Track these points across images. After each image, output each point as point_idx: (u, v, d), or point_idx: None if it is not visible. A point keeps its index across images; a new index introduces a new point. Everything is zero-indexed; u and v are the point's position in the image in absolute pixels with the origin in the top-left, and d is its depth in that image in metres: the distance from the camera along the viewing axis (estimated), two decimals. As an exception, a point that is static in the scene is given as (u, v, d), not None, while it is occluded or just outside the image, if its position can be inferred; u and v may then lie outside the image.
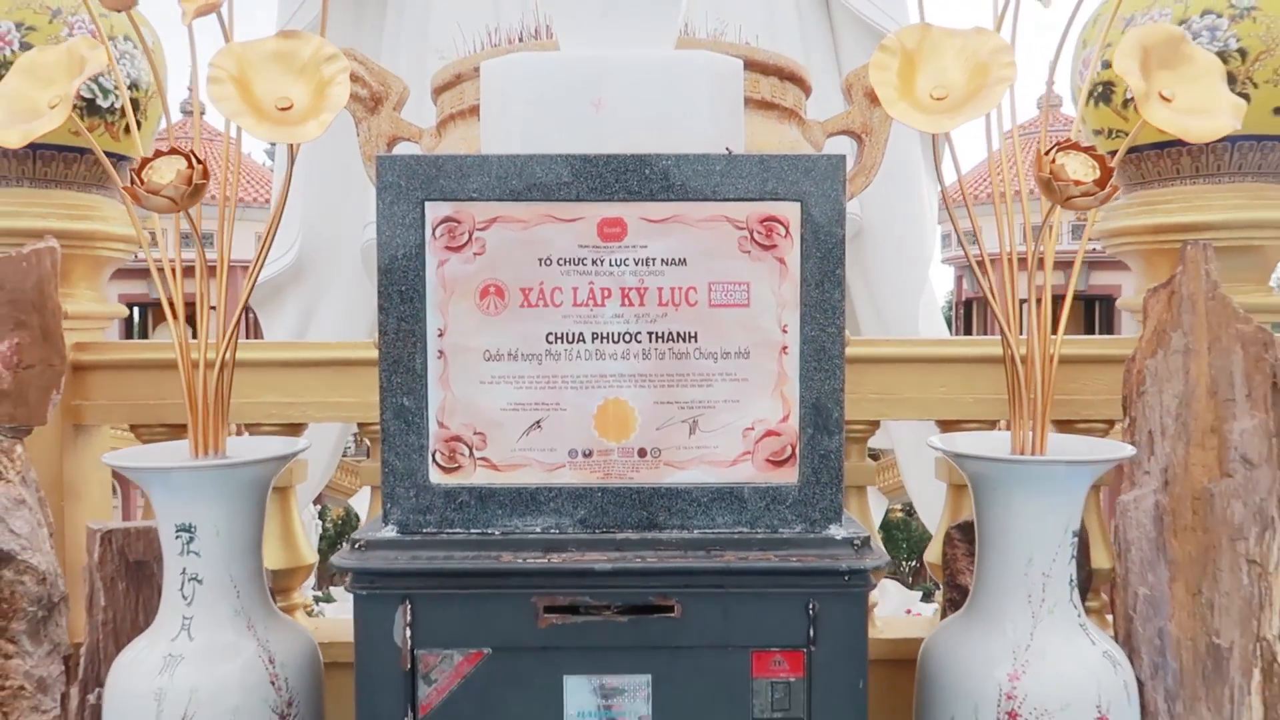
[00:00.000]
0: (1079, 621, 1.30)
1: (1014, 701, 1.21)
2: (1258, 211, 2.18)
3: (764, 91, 1.65)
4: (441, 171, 1.05)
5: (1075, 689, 1.22)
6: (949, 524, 1.98)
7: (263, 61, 1.19)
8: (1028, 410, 1.38)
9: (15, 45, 2.12)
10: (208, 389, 1.32)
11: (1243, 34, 2.09)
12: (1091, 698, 1.22)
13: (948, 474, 2.20)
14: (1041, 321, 1.42)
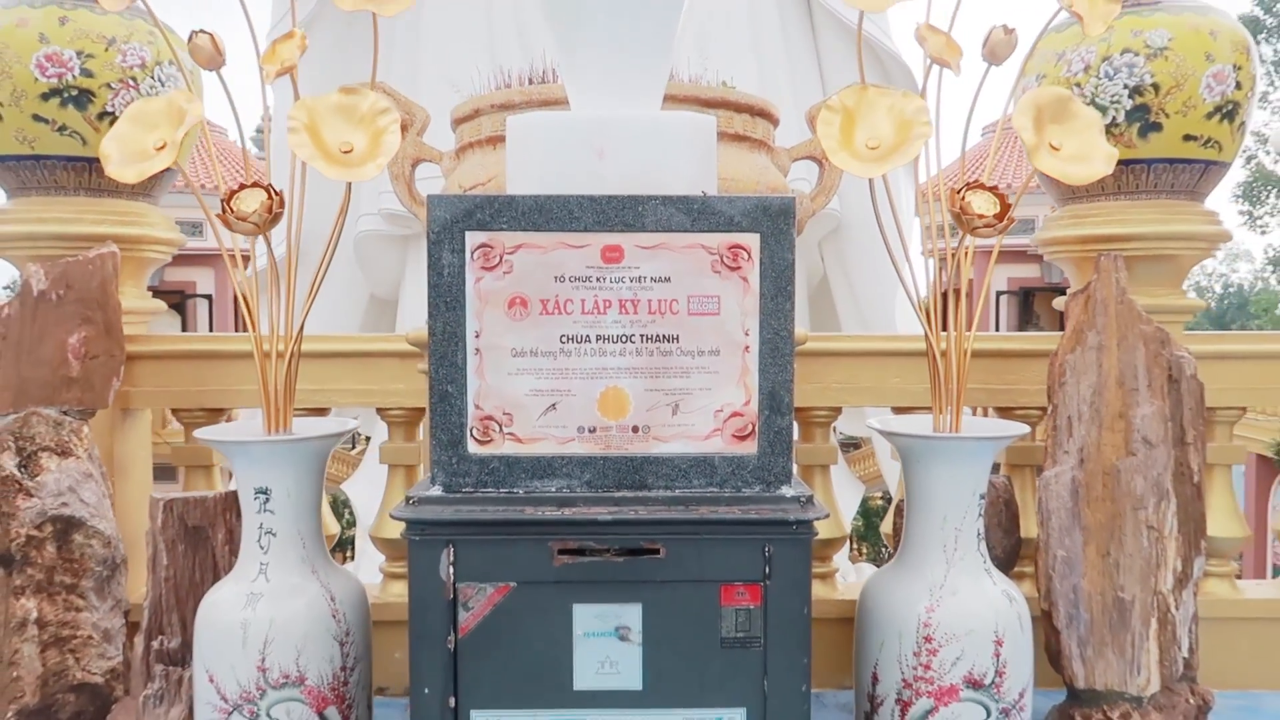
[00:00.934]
0: (984, 566, 1.61)
1: (929, 629, 1.52)
2: (1170, 225, 2.49)
3: (737, 127, 1.95)
4: (479, 208, 1.34)
5: (978, 618, 1.53)
6: (899, 499, 2.30)
7: (329, 113, 1.47)
8: (944, 397, 1.68)
9: (76, 71, 2.39)
10: (278, 376, 1.61)
11: (1157, 71, 2.40)
12: (990, 626, 1.53)
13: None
14: (958, 320, 1.72)
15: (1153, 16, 2.44)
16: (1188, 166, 2.47)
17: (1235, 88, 2.43)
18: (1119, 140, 2.44)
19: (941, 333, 1.73)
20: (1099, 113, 1.62)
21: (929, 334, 1.69)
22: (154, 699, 2.06)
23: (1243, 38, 2.47)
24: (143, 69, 2.46)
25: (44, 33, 2.38)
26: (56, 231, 2.45)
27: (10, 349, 2.19)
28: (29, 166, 2.45)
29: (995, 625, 1.55)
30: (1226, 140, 2.46)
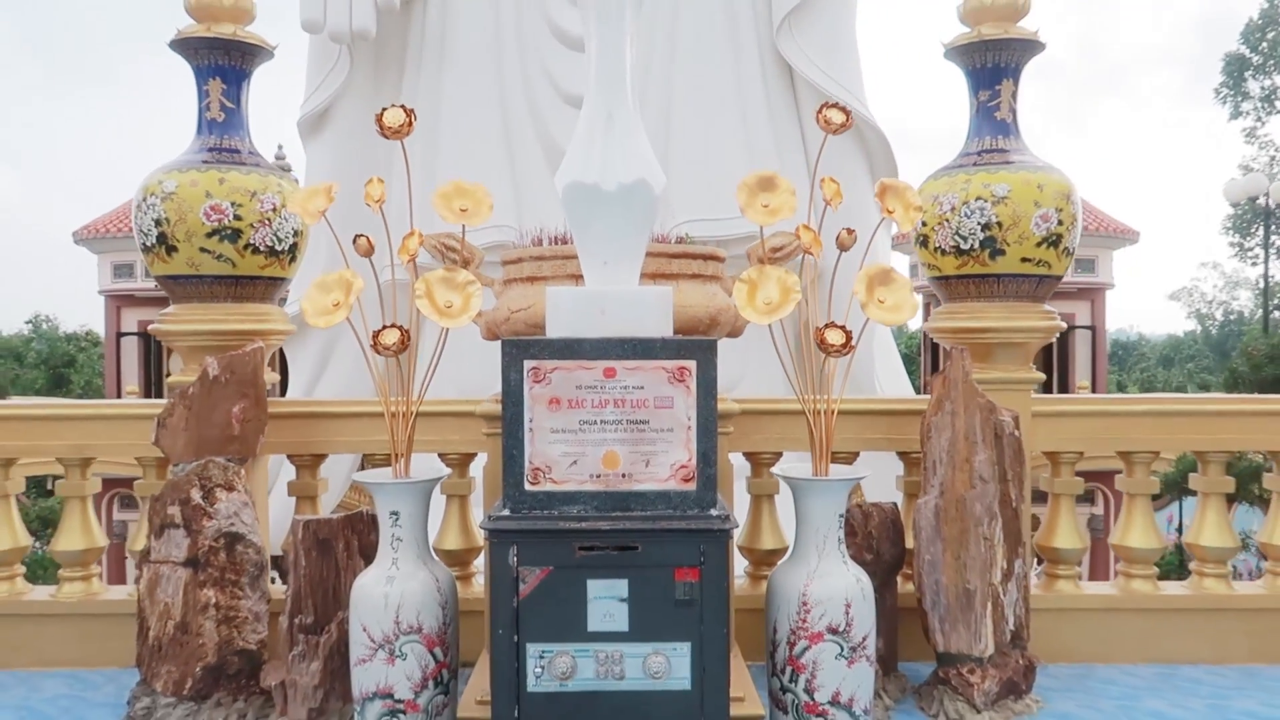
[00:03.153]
0: (843, 560, 2.57)
1: (806, 597, 2.46)
2: (1015, 321, 3.45)
3: (695, 269, 2.91)
4: (533, 346, 2.29)
5: (836, 591, 2.48)
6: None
7: (438, 282, 2.43)
8: (820, 447, 2.63)
9: (230, 216, 3.37)
10: (403, 432, 2.56)
11: (1000, 213, 3.37)
12: (843, 595, 2.48)
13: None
14: (828, 388, 2.66)
15: (998, 173, 3.40)
16: (1026, 280, 3.43)
17: (1058, 224, 3.39)
18: (976, 261, 3.40)
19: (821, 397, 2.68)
20: (908, 278, 2.55)
21: (804, 404, 2.64)
22: (299, 657, 2.99)
23: (1065, 187, 3.43)
24: (274, 211, 3.43)
25: (209, 190, 3.35)
26: (211, 329, 3.42)
27: (194, 416, 3.15)
28: (193, 283, 3.42)
29: (846, 595, 2.49)
30: (1054, 260, 3.42)
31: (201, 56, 3.49)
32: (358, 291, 2.44)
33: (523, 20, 9.98)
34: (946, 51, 3.61)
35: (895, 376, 8.75)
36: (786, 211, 2.45)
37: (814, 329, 2.48)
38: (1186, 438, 3.65)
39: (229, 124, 3.53)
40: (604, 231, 2.41)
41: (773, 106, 10.12)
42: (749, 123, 9.95)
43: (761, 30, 10.00)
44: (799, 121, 10.22)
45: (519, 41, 9.85)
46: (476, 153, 9.85)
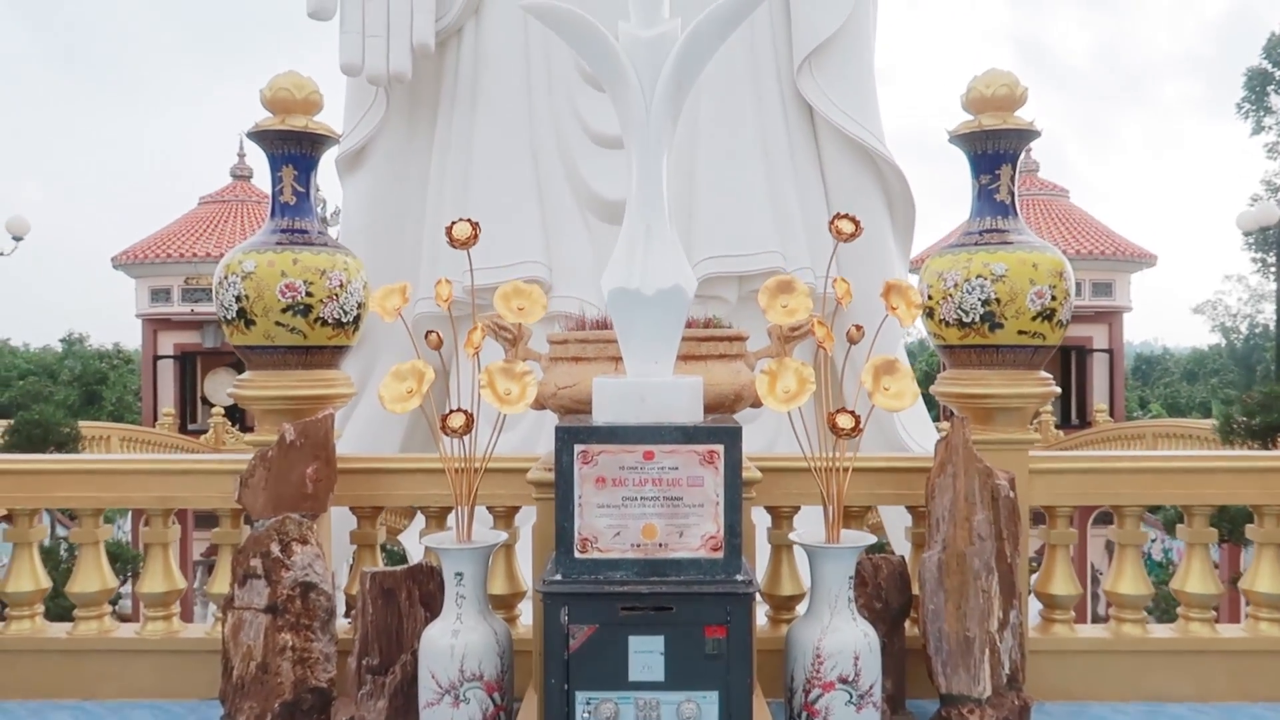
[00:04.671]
0: (852, 616, 2.90)
1: (819, 651, 2.80)
2: (1013, 388, 3.77)
3: (721, 349, 3.26)
4: (581, 432, 2.65)
5: (845, 645, 2.82)
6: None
7: (499, 372, 2.79)
8: (832, 517, 2.97)
9: (303, 293, 3.74)
10: (467, 494, 2.92)
11: (998, 289, 3.70)
12: (852, 649, 2.82)
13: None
14: (841, 450, 2.99)
15: (997, 253, 3.73)
16: (1023, 350, 3.75)
17: (1051, 299, 3.71)
18: (977, 332, 3.73)
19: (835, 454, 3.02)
20: (910, 368, 2.89)
21: (814, 468, 2.98)
22: (366, 695, 3.35)
23: (1059, 265, 3.76)
24: (341, 287, 3.81)
25: (284, 269, 3.73)
26: (284, 395, 3.79)
27: (272, 476, 3.53)
28: (268, 353, 3.80)
29: (855, 649, 2.83)
30: (1048, 332, 3.74)
31: (276, 146, 3.87)
32: (429, 382, 2.81)
33: (552, 61, 10.39)
34: (951, 137, 3.94)
35: (921, 422, 9.02)
36: (804, 313, 2.79)
37: (829, 415, 2.82)
38: (1174, 493, 3.96)
39: (299, 207, 3.91)
40: (644, 329, 2.76)
41: (793, 144, 10.49)
42: (770, 160, 10.32)
43: (782, 70, 10.38)
44: (818, 159, 10.58)
45: (548, 82, 10.27)
46: (507, 190, 10.27)
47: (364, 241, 10.07)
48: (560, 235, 10.06)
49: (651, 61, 2.71)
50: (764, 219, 9.89)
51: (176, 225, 19.94)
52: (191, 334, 19.33)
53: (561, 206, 10.15)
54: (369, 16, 9.69)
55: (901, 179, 10.18)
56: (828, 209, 10.34)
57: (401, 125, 10.53)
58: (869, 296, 5.64)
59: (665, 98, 2.71)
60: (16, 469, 4.00)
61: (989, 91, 3.82)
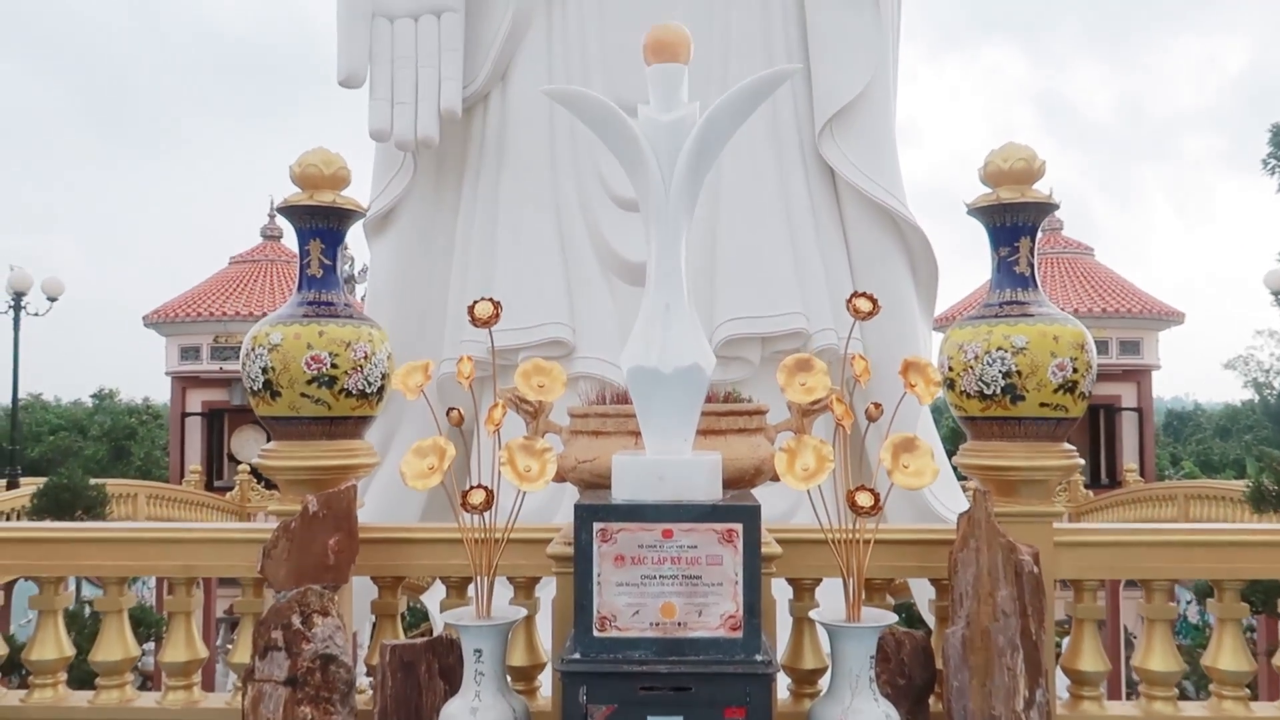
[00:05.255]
0: (874, 697, 2.86)
1: (842, 732, 2.76)
2: (1036, 460, 3.75)
3: (741, 424, 3.27)
4: (600, 509, 2.66)
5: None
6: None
7: (519, 448, 2.81)
8: (853, 595, 2.94)
9: (328, 365, 3.79)
10: (486, 566, 2.92)
11: (1019, 362, 3.69)
12: (875, 730, 2.77)
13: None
14: (861, 523, 2.97)
15: (1017, 325, 3.74)
16: (1045, 422, 3.74)
17: (1073, 372, 3.70)
18: (998, 405, 3.72)
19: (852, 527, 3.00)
20: (930, 445, 2.89)
21: (834, 543, 2.96)
22: (385, 770, 3.33)
23: (1080, 337, 3.75)
24: (366, 359, 3.86)
25: (310, 342, 3.79)
26: (308, 465, 3.83)
27: (295, 547, 3.55)
28: (293, 424, 3.85)
29: (878, 731, 2.79)
30: (1070, 404, 3.73)
31: (304, 221, 3.96)
32: (450, 459, 2.83)
33: (575, 125, 10.56)
34: (969, 209, 3.97)
35: (948, 484, 8.93)
36: (822, 391, 2.81)
37: (848, 494, 2.82)
38: (1204, 566, 3.90)
39: (325, 280, 3.98)
40: (663, 407, 2.79)
41: (815, 205, 10.56)
42: (793, 222, 10.39)
43: (804, 133, 10.49)
44: (840, 220, 10.63)
45: (572, 145, 10.43)
46: (531, 251, 10.39)
47: (390, 301, 10.21)
48: (584, 296, 10.15)
49: (670, 144, 2.77)
50: (787, 280, 9.93)
51: (207, 284, 20.28)
52: (219, 391, 19.54)
53: (585, 268, 10.24)
54: (398, 84, 9.91)
55: (924, 240, 10.20)
56: (850, 270, 10.38)
57: (428, 188, 10.71)
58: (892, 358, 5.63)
59: (684, 179, 2.76)
60: (43, 537, 4.05)
61: (1006, 165, 3.86)
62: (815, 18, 10.45)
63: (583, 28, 10.55)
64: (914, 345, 10.01)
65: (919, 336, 10.51)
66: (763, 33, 10.43)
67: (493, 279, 10.07)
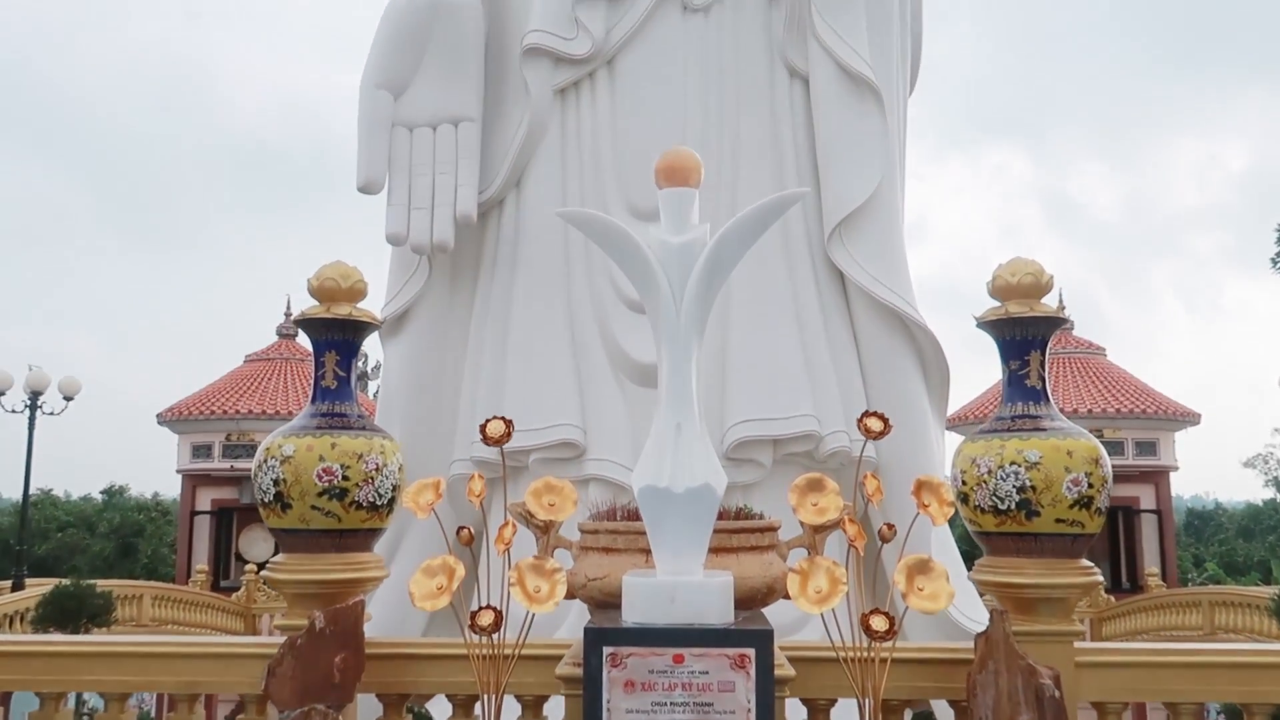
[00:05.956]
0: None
1: None
2: (1053, 578, 3.69)
3: (753, 541, 3.24)
4: (610, 633, 2.61)
5: None
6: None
7: (528, 568, 2.79)
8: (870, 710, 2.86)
9: (339, 477, 3.79)
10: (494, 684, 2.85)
11: (1033, 477, 3.66)
12: None
13: None
14: (876, 651, 2.90)
15: (1030, 439, 3.72)
16: (1062, 539, 3.68)
17: (1088, 487, 3.67)
18: (1013, 520, 3.68)
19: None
20: (945, 568, 2.85)
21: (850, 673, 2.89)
22: None
23: (1094, 451, 3.73)
24: (377, 470, 3.86)
25: (322, 454, 3.80)
26: (317, 579, 3.80)
27: (300, 665, 3.49)
28: (303, 536, 3.83)
29: None
30: (1086, 520, 3.68)
31: (320, 333, 4.01)
32: (459, 579, 2.81)
33: (589, 230, 10.70)
34: (979, 323, 4.00)
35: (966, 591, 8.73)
36: (834, 511, 2.79)
37: (863, 617, 2.77)
38: (1231, 689, 3.79)
39: (339, 392, 4.01)
40: (674, 527, 2.76)
41: (825, 307, 10.61)
42: (803, 323, 10.42)
43: (813, 235, 10.60)
44: (850, 322, 10.68)
45: (585, 249, 10.56)
46: (543, 353, 10.43)
47: (402, 402, 10.24)
48: (595, 397, 10.14)
49: (682, 265, 2.81)
50: (798, 382, 9.91)
51: (222, 382, 20.41)
52: (229, 489, 19.48)
53: (596, 369, 10.27)
54: (415, 191, 10.11)
55: (934, 343, 10.21)
56: (861, 372, 10.39)
57: (443, 291, 10.83)
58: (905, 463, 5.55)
59: (695, 300, 2.80)
60: (45, 651, 3.99)
61: (1015, 279, 3.89)
62: (823, 124, 10.66)
63: (596, 135, 10.80)
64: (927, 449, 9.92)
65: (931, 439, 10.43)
66: (772, 137, 10.63)
67: (504, 380, 10.11)
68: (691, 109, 9.60)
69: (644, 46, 8.53)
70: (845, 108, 10.26)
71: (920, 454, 8.51)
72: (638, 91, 8.64)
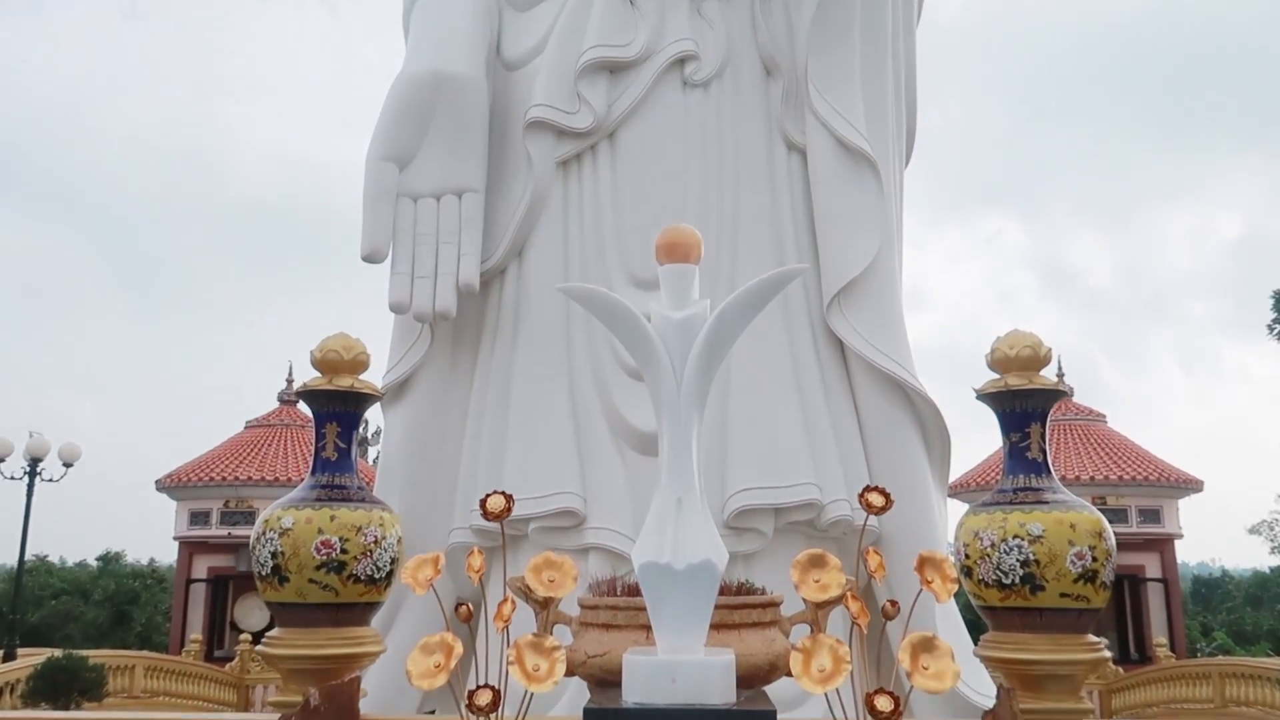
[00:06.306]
0: None
1: None
2: (1059, 654, 3.65)
3: (755, 617, 3.21)
4: (612, 715, 2.57)
5: None
6: None
7: (527, 646, 2.75)
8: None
9: (338, 550, 3.77)
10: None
11: (1037, 551, 3.64)
12: None
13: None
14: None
15: (1032, 513, 3.70)
16: (1068, 614, 3.65)
17: (1093, 560, 3.64)
18: (1018, 595, 3.64)
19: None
20: (950, 645, 2.81)
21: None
22: None
23: (1097, 525, 3.71)
24: (376, 543, 3.84)
25: (321, 526, 3.78)
26: (313, 654, 3.75)
27: (294, 744, 3.43)
28: (299, 610, 3.79)
29: None
30: (1091, 595, 3.65)
31: (322, 405, 4.02)
32: (457, 656, 2.77)
33: (590, 299, 10.76)
34: (978, 395, 4.01)
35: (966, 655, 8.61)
36: (836, 588, 2.76)
37: (867, 697, 2.72)
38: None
39: (340, 464, 4.01)
40: (675, 605, 2.74)
41: (825, 375, 10.61)
42: (804, 392, 10.41)
43: (812, 303, 10.66)
44: (850, 390, 10.69)
45: (586, 318, 10.61)
46: (544, 421, 10.41)
47: (402, 469, 10.19)
48: (595, 466, 10.10)
49: (682, 341, 2.83)
50: (799, 450, 9.87)
51: (221, 449, 20.34)
52: (226, 557, 19.29)
53: (597, 437, 10.23)
54: (419, 260, 10.20)
55: (935, 411, 10.20)
56: (862, 439, 10.36)
57: (444, 358, 10.86)
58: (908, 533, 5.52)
59: (695, 375, 2.81)
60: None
61: (1013, 352, 3.91)
62: (821, 195, 10.78)
63: (598, 206, 10.92)
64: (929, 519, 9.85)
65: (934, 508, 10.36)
66: (771, 209, 10.74)
67: (504, 447, 10.08)
68: (692, 182, 9.73)
69: (645, 120, 8.66)
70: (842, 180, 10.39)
71: (923, 523, 8.45)
72: (639, 164, 8.76)
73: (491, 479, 7.78)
